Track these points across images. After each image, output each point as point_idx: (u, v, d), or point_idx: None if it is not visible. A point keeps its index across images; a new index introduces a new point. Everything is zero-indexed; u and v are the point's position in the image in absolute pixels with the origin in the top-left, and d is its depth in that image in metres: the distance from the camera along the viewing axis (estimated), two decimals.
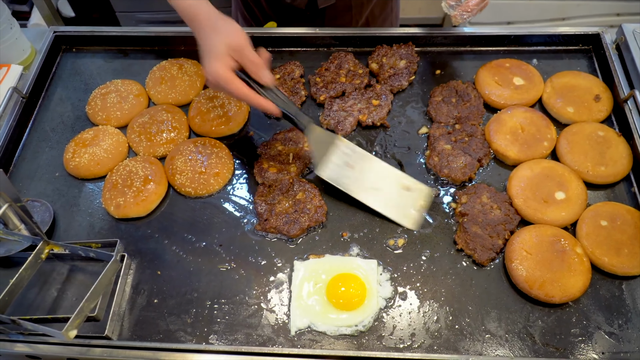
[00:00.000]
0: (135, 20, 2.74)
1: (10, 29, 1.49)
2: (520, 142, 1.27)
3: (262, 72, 1.12)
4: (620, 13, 2.84)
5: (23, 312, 1.11)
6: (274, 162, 1.29)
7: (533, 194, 1.20)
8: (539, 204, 1.19)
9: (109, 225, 1.24)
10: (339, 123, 1.35)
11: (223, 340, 1.07)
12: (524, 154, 1.26)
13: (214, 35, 1.12)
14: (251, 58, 1.12)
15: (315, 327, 1.07)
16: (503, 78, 1.39)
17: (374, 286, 1.11)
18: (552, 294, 1.06)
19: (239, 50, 1.11)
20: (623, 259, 1.10)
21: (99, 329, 1.06)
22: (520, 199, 1.20)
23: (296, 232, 1.18)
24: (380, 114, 1.35)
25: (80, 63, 1.56)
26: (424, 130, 1.36)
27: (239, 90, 1.11)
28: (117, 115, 1.40)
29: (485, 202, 1.18)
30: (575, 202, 1.19)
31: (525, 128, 1.29)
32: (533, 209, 1.18)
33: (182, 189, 1.26)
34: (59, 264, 1.18)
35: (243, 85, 1.11)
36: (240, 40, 1.11)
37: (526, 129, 1.29)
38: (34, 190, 1.30)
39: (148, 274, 1.16)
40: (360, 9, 1.64)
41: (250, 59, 1.12)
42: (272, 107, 1.14)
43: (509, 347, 1.04)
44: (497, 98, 1.36)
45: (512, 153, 1.26)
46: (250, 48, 1.12)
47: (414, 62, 1.45)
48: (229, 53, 1.11)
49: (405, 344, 1.05)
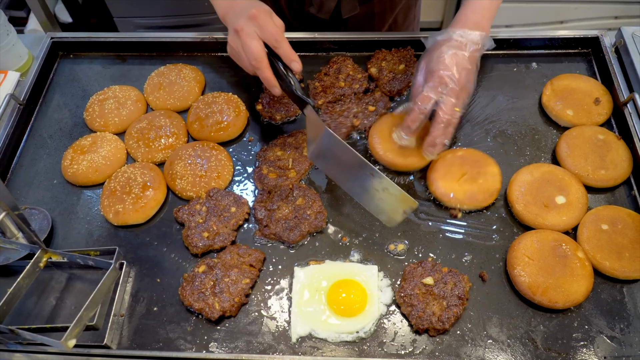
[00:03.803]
0: (133, 25, 2.73)
1: (7, 35, 1.48)
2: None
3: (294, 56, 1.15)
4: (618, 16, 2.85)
5: (21, 321, 1.10)
6: (273, 167, 1.28)
7: (533, 198, 1.19)
8: (540, 208, 1.18)
9: (108, 232, 1.23)
10: (335, 128, 1.34)
11: (223, 348, 1.06)
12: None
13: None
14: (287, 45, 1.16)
15: (316, 334, 1.07)
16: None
17: (375, 292, 1.10)
18: (556, 299, 1.06)
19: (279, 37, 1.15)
20: (624, 263, 1.10)
21: (98, 338, 1.05)
22: (521, 204, 1.19)
23: (296, 238, 1.17)
24: (374, 120, 1.35)
25: (77, 69, 1.56)
26: None
27: (257, 50, 1.13)
28: (115, 121, 1.39)
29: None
30: (576, 206, 1.18)
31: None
32: (534, 214, 1.18)
33: (183, 193, 1.26)
34: (58, 272, 1.17)
35: (263, 50, 1.14)
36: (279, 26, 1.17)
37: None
38: (31, 197, 1.30)
39: (147, 281, 1.15)
40: (383, 16, 1.64)
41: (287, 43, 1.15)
42: (276, 89, 1.17)
43: (511, 353, 1.04)
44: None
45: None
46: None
47: (413, 66, 1.44)
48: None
49: (407, 350, 1.05)
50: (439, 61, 1.17)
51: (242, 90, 1.47)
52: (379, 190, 1.13)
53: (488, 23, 1.24)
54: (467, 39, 1.19)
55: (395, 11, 1.65)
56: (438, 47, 1.20)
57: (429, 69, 1.19)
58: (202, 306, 1.08)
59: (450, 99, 1.15)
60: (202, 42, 1.54)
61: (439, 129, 1.17)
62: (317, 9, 1.53)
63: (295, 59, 1.16)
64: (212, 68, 1.53)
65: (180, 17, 2.69)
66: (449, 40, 1.20)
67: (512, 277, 1.11)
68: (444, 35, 1.21)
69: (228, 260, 1.14)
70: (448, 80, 1.15)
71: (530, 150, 1.32)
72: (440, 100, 1.16)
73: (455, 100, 1.16)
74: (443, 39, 1.21)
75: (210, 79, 1.51)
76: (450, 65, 1.16)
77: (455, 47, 1.18)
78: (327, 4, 1.51)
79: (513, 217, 1.21)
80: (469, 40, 1.19)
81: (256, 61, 1.14)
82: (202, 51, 1.56)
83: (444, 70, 1.15)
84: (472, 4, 1.25)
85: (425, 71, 1.21)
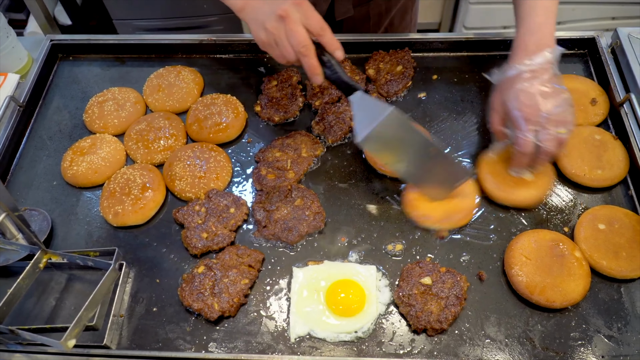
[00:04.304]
0: (132, 28, 2.74)
1: (7, 37, 1.49)
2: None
3: (338, 45, 1.13)
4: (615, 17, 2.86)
5: (21, 321, 1.10)
6: (272, 168, 1.29)
7: (503, 178, 1.22)
8: (510, 186, 1.21)
9: (107, 233, 1.24)
10: (330, 128, 1.35)
11: (222, 348, 1.07)
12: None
13: None
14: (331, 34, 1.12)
15: (315, 334, 1.07)
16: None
17: (373, 292, 1.11)
18: (553, 299, 1.07)
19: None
20: (621, 262, 1.11)
21: (97, 338, 1.06)
22: (492, 184, 1.22)
23: (295, 238, 1.18)
24: None
25: (77, 71, 1.56)
26: None
27: (305, 36, 1.09)
28: (114, 123, 1.40)
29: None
30: (543, 177, 1.22)
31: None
32: (505, 192, 1.21)
33: (182, 194, 1.26)
34: (57, 273, 1.17)
35: (309, 36, 1.10)
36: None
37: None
38: (31, 199, 1.30)
39: (147, 282, 1.16)
40: (379, 19, 1.64)
41: (330, 31, 1.12)
42: (319, 77, 1.13)
43: (508, 352, 1.04)
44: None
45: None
46: None
47: (411, 67, 1.45)
48: None
49: (405, 350, 1.05)
50: (520, 100, 1.11)
51: (241, 91, 1.48)
52: (437, 167, 1.16)
53: (551, 36, 1.16)
54: (536, 65, 1.13)
55: (391, 14, 1.66)
56: (510, 84, 1.14)
57: (511, 110, 1.13)
58: (201, 306, 1.08)
59: (548, 131, 1.10)
60: (201, 44, 1.55)
61: (547, 159, 1.16)
62: None
63: (339, 47, 1.13)
64: (210, 70, 1.54)
65: (179, 20, 2.70)
66: (519, 75, 1.13)
67: (509, 276, 1.11)
68: (512, 70, 1.15)
69: (227, 260, 1.14)
70: (537, 115, 1.10)
71: None
72: (540, 135, 1.11)
73: (554, 128, 1.11)
74: (513, 76, 1.14)
75: (209, 80, 1.51)
76: (533, 99, 1.10)
77: (529, 79, 1.12)
78: (320, 5, 1.51)
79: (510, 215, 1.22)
80: (538, 65, 1.13)
81: (305, 48, 1.09)
82: (200, 53, 1.57)
83: (529, 108, 1.10)
84: (527, 24, 1.17)
85: (506, 112, 1.16)
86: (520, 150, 1.13)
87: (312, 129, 1.37)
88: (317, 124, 1.37)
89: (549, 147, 1.11)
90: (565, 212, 1.22)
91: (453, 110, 1.41)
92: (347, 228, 1.22)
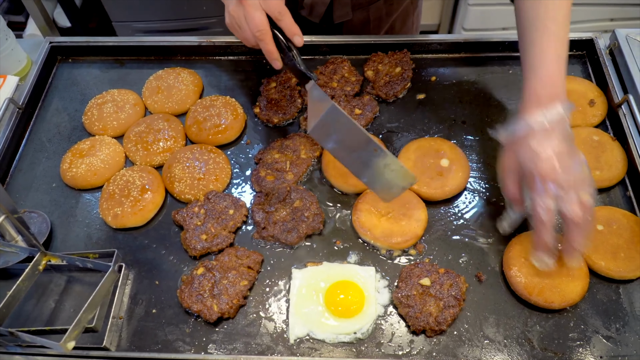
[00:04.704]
0: (131, 30, 2.74)
1: (6, 39, 1.49)
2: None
3: (297, 30, 1.13)
4: (614, 18, 2.86)
5: (21, 324, 1.10)
6: (271, 170, 1.29)
7: (427, 177, 1.24)
8: (438, 181, 1.23)
9: (107, 235, 1.24)
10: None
11: (222, 350, 1.07)
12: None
13: None
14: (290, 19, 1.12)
15: (314, 335, 1.07)
16: None
17: (372, 293, 1.11)
18: (552, 299, 1.07)
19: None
20: (620, 263, 1.11)
21: (97, 340, 1.06)
22: (423, 187, 1.23)
23: (294, 240, 1.18)
24: (360, 123, 1.36)
25: (76, 73, 1.57)
26: None
27: (261, 20, 1.09)
28: (113, 125, 1.40)
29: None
30: (460, 160, 1.26)
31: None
32: (433, 187, 1.23)
33: (181, 196, 1.27)
34: (57, 275, 1.17)
35: (267, 21, 1.10)
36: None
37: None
38: (30, 201, 1.30)
39: (146, 284, 1.16)
40: (379, 23, 1.64)
41: (290, 16, 1.12)
42: (277, 63, 1.15)
43: (507, 353, 1.04)
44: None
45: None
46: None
47: (410, 69, 1.45)
48: None
49: (404, 351, 1.05)
50: (534, 162, 1.00)
51: (240, 93, 1.48)
52: (380, 166, 1.13)
53: (563, 87, 1.05)
54: (549, 121, 1.01)
55: (391, 18, 1.65)
56: (522, 143, 1.03)
57: (526, 175, 1.02)
58: (201, 308, 1.08)
59: (570, 195, 0.98)
60: (200, 46, 1.55)
61: (577, 231, 1.00)
62: (308, 12, 1.54)
63: (297, 33, 1.13)
64: (210, 72, 1.54)
65: (178, 22, 2.70)
66: (531, 132, 1.01)
67: (508, 277, 1.11)
68: (523, 127, 1.03)
69: (226, 262, 1.14)
70: (557, 177, 0.98)
71: None
72: (561, 201, 0.98)
73: (576, 192, 0.98)
74: (524, 133, 1.03)
75: (208, 82, 1.51)
76: (549, 160, 0.99)
77: (543, 136, 1.00)
78: (318, 7, 1.51)
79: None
80: (552, 121, 1.01)
81: (260, 32, 1.10)
82: (200, 55, 1.57)
83: (546, 169, 0.98)
84: (539, 75, 1.06)
85: (521, 177, 1.05)
86: (540, 218, 1.00)
87: (300, 124, 1.38)
88: (305, 119, 1.38)
89: (575, 213, 0.97)
90: None
91: (452, 111, 1.41)
92: (346, 229, 1.22)
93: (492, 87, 1.46)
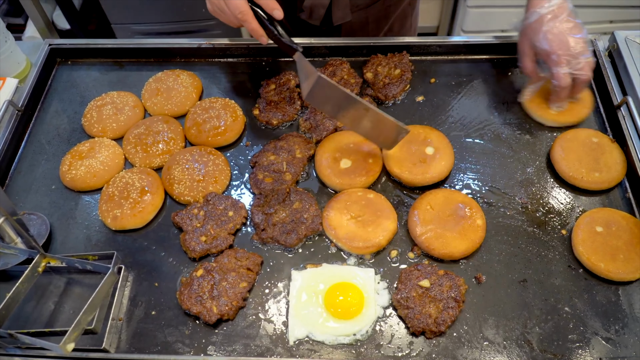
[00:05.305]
0: (130, 32, 2.75)
1: (5, 42, 1.49)
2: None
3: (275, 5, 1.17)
4: (613, 20, 2.87)
5: (20, 325, 1.10)
6: (269, 172, 1.29)
7: (410, 163, 1.26)
8: (420, 167, 1.25)
9: (106, 237, 1.24)
10: (316, 127, 1.36)
11: (221, 352, 1.07)
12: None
13: None
14: None
15: (314, 337, 1.07)
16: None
17: (372, 295, 1.11)
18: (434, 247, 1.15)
19: None
20: (619, 265, 1.11)
21: (96, 342, 1.06)
22: (405, 172, 1.26)
23: (293, 241, 1.18)
24: None
25: (75, 75, 1.57)
26: None
27: (240, 2, 1.14)
28: (113, 127, 1.40)
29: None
30: (445, 148, 1.28)
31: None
32: (414, 173, 1.25)
33: (181, 198, 1.27)
34: (56, 277, 1.17)
35: (246, 2, 1.15)
36: None
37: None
38: (30, 203, 1.30)
39: (145, 285, 1.16)
40: (378, 25, 1.65)
41: None
42: (263, 38, 1.21)
43: (507, 354, 1.04)
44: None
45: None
46: None
47: (409, 71, 1.46)
48: None
49: (404, 352, 1.05)
50: (549, 40, 1.24)
51: (239, 95, 1.48)
52: (374, 122, 1.21)
53: None
54: (555, 6, 1.25)
55: (390, 20, 1.66)
56: (535, 28, 1.27)
57: (541, 53, 1.27)
58: (200, 310, 1.08)
59: (579, 60, 1.24)
60: (199, 48, 1.55)
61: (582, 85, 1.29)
62: (307, 15, 1.54)
63: (276, 7, 1.18)
64: (209, 74, 1.54)
65: (177, 24, 2.71)
66: (541, 18, 1.26)
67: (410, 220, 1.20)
68: (534, 16, 1.27)
69: (226, 264, 1.14)
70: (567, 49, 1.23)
71: (525, 152, 1.33)
72: (574, 65, 1.24)
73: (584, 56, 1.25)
74: (535, 20, 1.27)
75: (208, 84, 1.52)
76: (560, 37, 1.23)
77: (552, 19, 1.25)
78: (317, 10, 1.52)
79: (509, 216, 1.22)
80: (556, 6, 1.25)
81: (241, 13, 1.16)
82: (199, 57, 1.57)
83: (559, 44, 1.23)
84: None
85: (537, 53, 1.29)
86: (560, 84, 1.26)
87: (299, 125, 1.38)
88: (304, 121, 1.39)
89: (586, 74, 1.25)
90: (563, 214, 1.23)
91: (451, 113, 1.41)
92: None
93: (492, 89, 1.46)
